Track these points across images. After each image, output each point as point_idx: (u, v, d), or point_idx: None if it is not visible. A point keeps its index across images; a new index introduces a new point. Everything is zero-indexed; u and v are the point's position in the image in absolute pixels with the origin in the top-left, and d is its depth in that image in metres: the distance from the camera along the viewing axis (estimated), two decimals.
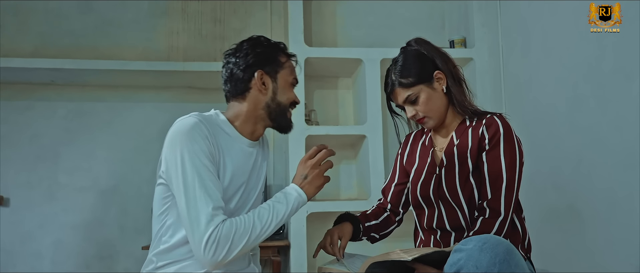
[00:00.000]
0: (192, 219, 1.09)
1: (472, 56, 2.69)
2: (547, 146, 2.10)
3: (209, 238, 1.07)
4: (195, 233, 1.08)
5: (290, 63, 1.33)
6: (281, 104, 1.30)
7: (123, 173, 2.86)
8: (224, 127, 1.26)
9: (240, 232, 1.10)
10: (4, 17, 2.83)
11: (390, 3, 3.10)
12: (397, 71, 1.37)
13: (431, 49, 1.39)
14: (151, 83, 2.88)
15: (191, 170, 1.11)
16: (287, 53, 1.34)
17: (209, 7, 3.01)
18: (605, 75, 1.79)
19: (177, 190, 1.13)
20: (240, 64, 1.27)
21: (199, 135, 1.14)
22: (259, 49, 1.29)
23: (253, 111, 1.28)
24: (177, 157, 1.13)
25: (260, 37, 1.33)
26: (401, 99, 1.38)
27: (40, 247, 2.75)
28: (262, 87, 1.27)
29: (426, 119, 1.38)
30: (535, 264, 1.42)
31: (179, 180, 1.12)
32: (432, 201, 1.38)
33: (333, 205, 2.56)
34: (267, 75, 1.28)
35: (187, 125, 1.15)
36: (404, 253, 1.13)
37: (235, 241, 1.09)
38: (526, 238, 1.36)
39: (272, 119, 1.31)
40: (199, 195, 1.10)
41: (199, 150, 1.13)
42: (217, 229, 1.08)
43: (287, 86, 1.31)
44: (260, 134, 1.34)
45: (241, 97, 1.29)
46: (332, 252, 1.36)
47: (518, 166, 1.29)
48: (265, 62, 1.28)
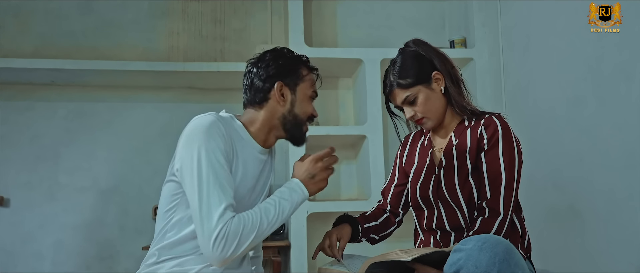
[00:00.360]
0: (203, 215, 1.10)
1: (472, 56, 2.69)
2: (547, 146, 2.10)
3: (218, 235, 1.08)
4: (205, 228, 1.09)
5: (311, 76, 1.34)
6: (298, 116, 1.31)
7: (123, 173, 2.86)
8: (239, 131, 1.28)
9: (249, 228, 1.11)
10: (4, 18, 2.83)
11: (390, 3, 3.10)
12: (396, 72, 1.37)
13: (429, 49, 1.39)
14: (151, 83, 2.88)
15: (207, 166, 1.12)
16: (309, 66, 1.34)
17: (209, 7, 3.02)
18: (605, 75, 1.79)
19: (190, 185, 1.13)
20: (262, 74, 1.29)
21: (216, 133, 1.16)
22: (281, 60, 1.30)
23: (269, 120, 1.30)
24: (193, 153, 1.14)
25: (283, 49, 1.34)
26: (399, 100, 1.38)
27: (40, 248, 2.75)
28: (281, 98, 1.28)
29: (425, 120, 1.38)
30: (536, 264, 1.42)
31: (193, 176, 1.12)
32: (432, 202, 1.38)
33: (333, 205, 2.56)
34: (286, 87, 1.29)
35: (206, 123, 1.17)
36: (404, 253, 1.13)
37: (244, 237, 1.10)
38: (526, 237, 1.36)
39: (286, 130, 1.32)
40: (213, 191, 1.11)
41: (216, 147, 1.14)
42: (226, 225, 1.09)
43: (305, 99, 1.32)
44: (272, 143, 1.36)
45: (259, 106, 1.30)
46: (331, 253, 1.36)
47: (517, 166, 1.29)
48: (285, 74, 1.29)
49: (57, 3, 2.88)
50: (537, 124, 2.18)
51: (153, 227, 1.31)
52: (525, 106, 2.31)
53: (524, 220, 1.39)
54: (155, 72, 2.68)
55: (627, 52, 1.69)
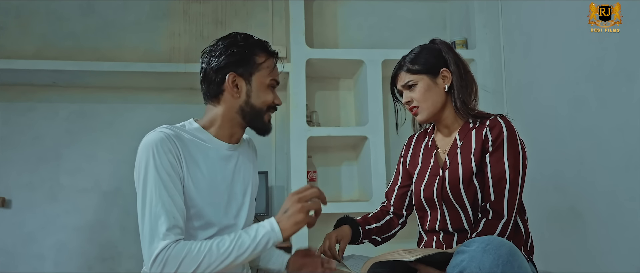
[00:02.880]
0: (145, 233, 1.07)
1: (473, 57, 2.70)
2: (549, 147, 2.10)
3: (157, 256, 1.03)
4: (146, 247, 1.06)
5: (269, 63, 1.25)
6: (255, 107, 1.24)
7: (125, 174, 2.86)
8: (198, 134, 1.23)
9: (192, 256, 1.04)
10: (5, 19, 2.83)
11: (391, 4, 3.11)
12: (409, 57, 1.42)
13: (449, 51, 1.43)
14: (153, 85, 2.88)
15: (151, 186, 1.09)
16: (268, 52, 1.26)
17: (210, 8, 3.02)
18: (606, 76, 1.79)
19: (138, 203, 1.11)
20: (213, 64, 1.22)
21: (162, 149, 1.12)
22: (233, 49, 1.22)
23: (227, 114, 1.24)
24: (140, 172, 1.12)
25: (237, 35, 1.25)
26: (401, 82, 1.41)
27: (42, 249, 2.75)
28: (235, 90, 1.22)
29: (419, 110, 1.40)
30: (537, 266, 1.42)
31: (139, 194, 1.11)
32: (435, 203, 1.38)
33: (334, 207, 2.56)
34: (240, 77, 1.22)
35: (151, 140, 1.13)
36: (407, 253, 1.13)
37: (184, 264, 1.03)
38: (529, 239, 1.36)
39: (248, 122, 1.26)
40: (156, 211, 1.07)
41: (161, 165, 1.10)
42: (167, 248, 1.04)
43: (263, 88, 1.24)
44: (240, 136, 1.31)
45: (215, 100, 1.24)
46: (331, 255, 1.37)
47: (521, 168, 1.29)
48: (238, 64, 1.21)
49: (58, 4, 2.89)
50: (539, 125, 2.18)
51: None
52: (527, 107, 2.31)
53: (528, 222, 1.39)
54: (157, 74, 2.68)
55: (628, 52, 1.69)
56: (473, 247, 1.00)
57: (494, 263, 0.97)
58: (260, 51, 1.25)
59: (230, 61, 1.21)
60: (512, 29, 2.47)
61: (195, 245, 1.05)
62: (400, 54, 1.49)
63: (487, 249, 0.98)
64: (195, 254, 1.04)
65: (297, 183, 2.53)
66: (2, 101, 2.81)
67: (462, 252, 1.02)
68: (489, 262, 0.97)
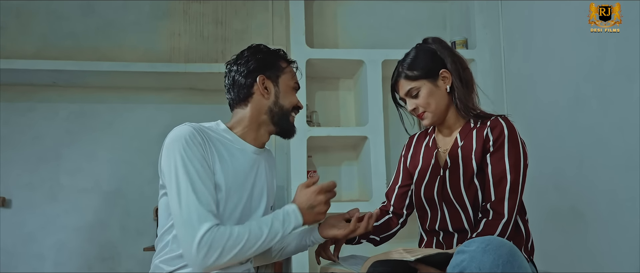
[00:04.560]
0: (184, 219, 1.10)
1: (473, 57, 2.69)
2: (549, 147, 2.10)
3: (201, 239, 1.08)
4: (187, 232, 1.09)
5: (290, 68, 1.37)
6: (284, 107, 1.33)
7: (125, 174, 2.86)
8: (225, 134, 1.29)
9: (233, 240, 1.11)
10: (5, 19, 2.83)
11: (391, 4, 3.10)
12: (406, 63, 1.40)
13: (445, 49, 1.42)
14: (153, 85, 2.88)
15: (184, 175, 1.13)
16: (287, 59, 1.38)
17: (211, 8, 3.02)
18: (606, 76, 1.79)
19: (171, 194, 1.14)
20: (242, 70, 1.31)
21: (192, 141, 1.17)
22: (259, 55, 1.33)
23: (256, 116, 1.31)
24: (170, 164, 1.15)
25: (259, 45, 1.37)
26: (403, 91, 1.40)
27: (41, 249, 2.75)
28: (265, 91, 1.30)
29: (425, 115, 1.39)
30: (537, 266, 1.42)
31: (172, 185, 1.14)
32: (436, 203, 1.38)
33: (334, 206, 2.53)
34: (268, 79, 1.31)
35: (182, 133, 1.18)
36: (407, 252, 1.13)
37: (227, 248, 1.10)
38: (529, 240, 1.36)
39: (275, 123, 1.33)
40: (192, 198, 1.11)
41: (193, 156, 1.15)
42: (210, 231, 1.09)
43: (289, 90, 1.34)
44: (265, 140, 1.36)
45: (244, 103, 1.32)
46: (326, 255, 1.37)
47: (522, 168, 1.29)
48: (266, 67, 1.32)
49: (58, 4, 2.89)
50: (539, 125, 2.18)
51: (154, 228, 1.32)
52: (527, 107, 2.31)
53: (528, 223, 1.39)
54: (157, 74, 2.68)
55: (628, 52, 1.69)
56: (473, 247, 1.00)
57: (494, 263, 0.97)
58: (282, 58, 1.37)
59: (259, 65, 1.31)
60: (512, 29, 2.47)
61: (234, 231, 1.12)
62: (400, 54, 1.49)
63: (487, 249, 0.98)
64: (235, 239, 1.11)
65: (297, 183, 2.53)
66: (2, 101, 2.81)
67: (462, 252, 1.02)
68: (489, 262, 0.97)
